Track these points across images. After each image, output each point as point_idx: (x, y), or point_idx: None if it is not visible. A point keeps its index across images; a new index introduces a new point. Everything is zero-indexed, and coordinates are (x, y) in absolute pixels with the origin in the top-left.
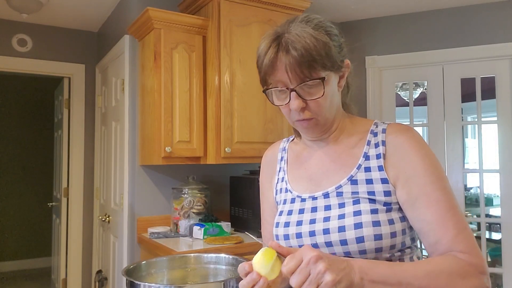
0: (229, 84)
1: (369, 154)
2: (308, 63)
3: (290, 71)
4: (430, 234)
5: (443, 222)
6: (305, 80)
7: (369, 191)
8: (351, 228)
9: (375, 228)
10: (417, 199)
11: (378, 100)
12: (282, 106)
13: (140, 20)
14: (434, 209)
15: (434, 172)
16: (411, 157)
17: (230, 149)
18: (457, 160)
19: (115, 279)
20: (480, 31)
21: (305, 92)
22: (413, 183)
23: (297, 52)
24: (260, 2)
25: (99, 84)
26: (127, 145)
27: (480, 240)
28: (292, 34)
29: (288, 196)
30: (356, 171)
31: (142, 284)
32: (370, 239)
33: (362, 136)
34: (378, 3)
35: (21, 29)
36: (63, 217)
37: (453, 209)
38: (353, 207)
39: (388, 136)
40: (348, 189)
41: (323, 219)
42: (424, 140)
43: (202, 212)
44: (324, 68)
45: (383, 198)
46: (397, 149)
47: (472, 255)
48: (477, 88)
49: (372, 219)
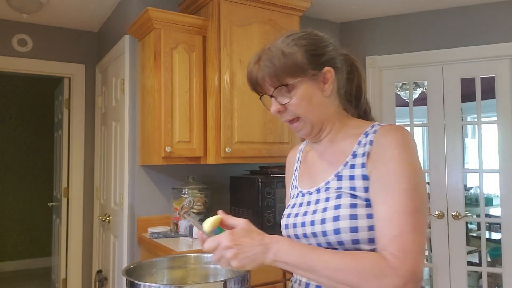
0: (229, 84)
1: (357, 152)
2: (274, 73)
3: (263, 81)
4: (376, 230)
5: (389, 221)
6: (274, 87)
7: (351, 187)
8: (331, 220)
9: (352, 221)
10: (377, 194)
11: (378, 100)
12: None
13: (140, 20)
14: (386, 207)
15: (403, 173)
16: (386, 156)
17: (230, 149)
18: (457, 160)
19: (115, 279)
20: (480, 31)
21: (280, 97)
22: (379, 180)
23: (263, 63)
24: (260, 2)
25: (99, 84)
26: (127, 145)
27: (480, 240)
28: (268, 51)
29: (295, 192)
30: (343, 167)
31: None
32: (346, 231)
33: (357, 137)
34: (378, 3)
35: (21, 29)
36: (63, 217)
37: (407, 211)
38: (335, 201)
39: (376, 136)
40: (334, 184)
41: (312, 211)
42: (410, 140)
43: (202, 212)
44: (292, 76)
45: (363, 194)
46: (379, 147)
47: (399, 259)
48: (477, 88)
49: (350, 213)
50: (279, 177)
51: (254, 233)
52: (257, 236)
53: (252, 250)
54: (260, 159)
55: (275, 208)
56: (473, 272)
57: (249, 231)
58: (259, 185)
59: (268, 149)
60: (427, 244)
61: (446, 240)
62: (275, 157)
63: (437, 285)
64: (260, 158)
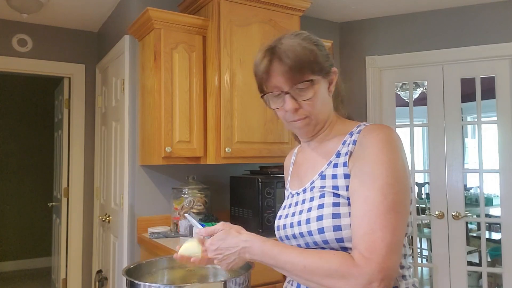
0: (229, 84)
1: (341, 152)
2: (299, 67)
3: (283, 76)
4: (352, 227)
5: (361, 218)
6: (296, 83)
7: (334, 186)
8: (315, 220)
9: (335, 220)
10: (354, 192)
11: (378, 100)
12: (278, 110)
13: (140, 20)
14: (359, 204)
15: (380, 169)
16: (366, 154)
17: (230, 149)
18: (457, 160)
19: (115, 279)
20: (480, 31)
21: (297, 95)
22: (356, 178)
23: (289, 59)
24: (260, 2)
25: (99, 84)
26: (127, 145)
27: (480, 240)
28: (283, 44)
29: (287, 193)
30: (326, 167)
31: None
32: (329, 230)
33: (342, 137)
34: (378, 3)
35: (21, 29)
36: (63, 217)
37: (380, 209)
38: (318, 201)
39: (360, 135)
40: (318, 184)
41: (299, 212)
42: (395, 139)
43: (202, 212)
44: (313, 73)
45: (345, 193)
46: (361, 146)
47: (365, 258)
48: (477, 88)
49: (333, 211)
50: (279, 177)
51: (229, 237)
52: (232, 239)
53: (232, 255)
54: (260, 159)
55: (275, 208)
56: (473, 272)
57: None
58: (259, 185)
59: (268, 149)
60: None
61: (446, 240)
62: (275, 157)
63: (437, 285)
64: (260, 158)
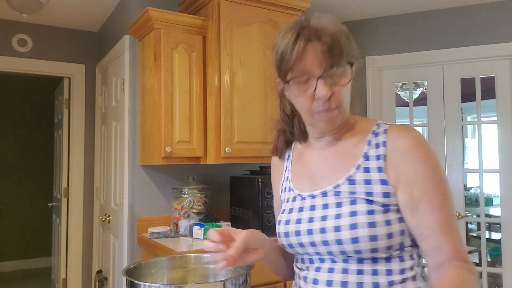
0: (229, 84)
1: (369, 154)
2: (338, 49)
3: (320, 57)
4: (431, 240)
5: (445, 229)
6: (333, 66)
7: (367, 192)
8: (347, 228)
9: (371, 229)
10: (419, 203)
11: (378, 100)
12: (302, 100)
13: (140, 20)
14: (436, 215)
15: (435, 176)
16: (412, 160)
17: (230, 149)
18: (457, 160)
19: (115, 279)
20: (480, 31)
21: (330, 80)
22: (415, 187)
23: (329, 38)
24: (260, 2)
25: (99, 84)
26: (127, 145)
27: (480, 240)
28: (318, 24)
29: (290, 195)
30: (355, 171)
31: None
32: (365, 240)
33: (363, 136)
34: (378, 3)
35: (21, 29)
36: (63, 217)
37: (452, 215)
38: (349, 207)
39: (389, 137)
40: (346, 188)
41: (320, 217)
42: (426, 141)
43: (202, 212)
44: (347, 57)
45: (381, 200)
46: (398, 151)
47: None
48: (477, 88)
49: (368, 220)
50: None
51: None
52: None
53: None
54: (260, 159)
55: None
56: None
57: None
58: (259, 185)
59: (268, 149)
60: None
61: None
62: None
63: None
64: (260, 158)
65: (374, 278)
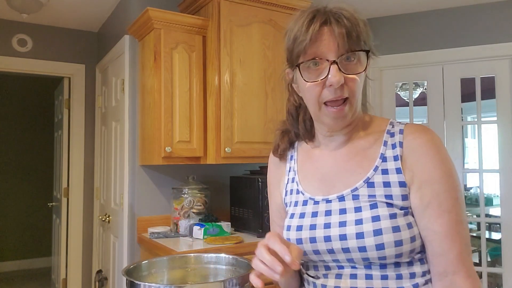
0: (229, 84)
1: (386, 155)
2: (356, 34)
3: (338, 39)
4: (435, 244)
5: (451, 235)
6: (349, 51)
7: (387, 195)
8: (370, 234)
9: (395, 234)
10: (428, 206)
11: (378, 100)
12: (312, 86)
13: (140, 20)
14: (443, 220)
15: (449, 180)
16: (427, 161)
17: (230, 149)
18: (457, 160)
19: (115, 279)
20: (480, 31)
21: (345, 67)
22: (427, 189)
23: (349, 21)
24: (260, 2)
25: (99, 84)
26: (127, 145)
27: (480, 240)
28: (336, 8)
29: (299, 198)
30: (373, 173)
31: (142, 284)
32: (390, 246)
33: (378, 136)
34: (379, 3)
35: (21, 29)
36: (63, 217)
37: (462, 221)
38: (370, 212)
39: (406, 137)
40: (364, 192)
41: (338, 223)
42: (442, 143)
43: (202, 212)
44: (365, 45)
45: (400, 202)
46: (414, 151)
47: (474, 279)
48: (477, 88)
49: (392, 225)
50: None
51: None
52: None
53: None
54: (260, 159)
55: None
56: None
57: None
58: (259, 185)
59: (268, 149)
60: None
61: None
62: None
63: None
64: (260, 158)
65: (399, 282)
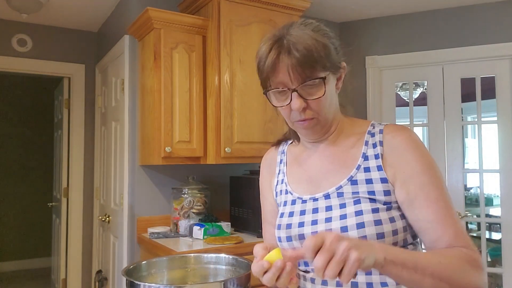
0: (229, 84)
1: (367, 154)
2: (310, 63)
3: (292, 71)
4: (430, 232)
5: (442, 220)
6: (306, 80)
7: (369, 191)
8: (354, 228)
9: (377, 227)
10: (416, 198)
11: (378, 100)
12: (282, 108)
13: (140, 20)
14: (433, 208)
15: (431, 172)
16: (408, 157)
17: (230, 149)
18: (457, 160)
19: (115, 279)
20: (480, 31)
21: (305, 93)
22: (411, 183)
23: (299, 52)
24: (260, 2)
25: (99, 84)
26: (127, 145)
27: (480, 240)
28: (293, 36)
29: (288, 198)
30: (356, 171)
31: (142, 284)
32: (372, 238)
33: (360, 137)
34: (378, 3)
35: (21, 29)
36: (63, 217)
37: (450, 207)
38: (354, 207)
39: (385, 136)
40: (348, 189)
41: (324, 220)
42: (420, 139)
43: (202, 212)
44: (324, 69)
45: (383, 198)
46: (394, 149)
47: (472, 250)
48: (477, 88)
49: (374, 218)
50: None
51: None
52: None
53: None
54: (260, 159)
55: None
56: None
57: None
58: (259, 185)
59: (268, 149)
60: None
61: None
62: None
63: None
64: (260, 158)
65: (382, 278)
